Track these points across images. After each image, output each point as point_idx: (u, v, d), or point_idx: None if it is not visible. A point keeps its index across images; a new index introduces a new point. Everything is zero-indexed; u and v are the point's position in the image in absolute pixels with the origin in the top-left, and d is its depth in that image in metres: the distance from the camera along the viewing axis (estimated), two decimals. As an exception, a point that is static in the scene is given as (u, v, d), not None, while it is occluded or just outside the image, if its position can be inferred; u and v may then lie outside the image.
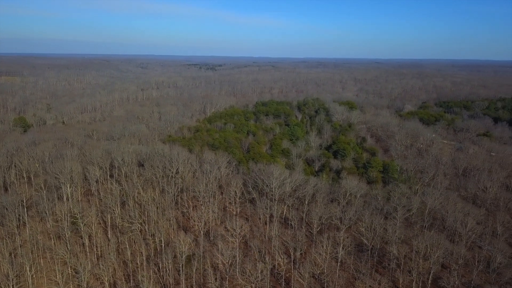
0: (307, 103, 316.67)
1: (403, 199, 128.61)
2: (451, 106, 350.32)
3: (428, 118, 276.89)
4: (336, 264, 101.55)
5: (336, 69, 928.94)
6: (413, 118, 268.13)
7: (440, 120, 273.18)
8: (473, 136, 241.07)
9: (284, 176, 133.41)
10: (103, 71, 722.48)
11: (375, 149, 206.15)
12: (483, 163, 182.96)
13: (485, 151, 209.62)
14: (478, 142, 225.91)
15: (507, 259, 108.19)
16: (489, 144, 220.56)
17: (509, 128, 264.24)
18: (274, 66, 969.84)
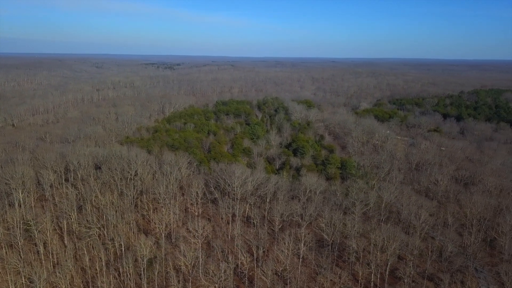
0: (266, 102, 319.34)
1: (361, 194, 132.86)
2: (403, 103, 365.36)
3: (382, 115, 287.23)
4: (298, 260, 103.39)
5: (294, 68, 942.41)
6: (369, 116, 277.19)
7: (394, 117, 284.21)
8: (425, 132, 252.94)
9: (245, 175, 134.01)
10: (55, 71, 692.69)
11: (333, 146, 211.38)
12: (434, 158, 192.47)
13: (435, 146, 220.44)
14: (429, 137, 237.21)
15: (457, 248, 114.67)
16: (439, 139, 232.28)
17: (457, 124, 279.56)
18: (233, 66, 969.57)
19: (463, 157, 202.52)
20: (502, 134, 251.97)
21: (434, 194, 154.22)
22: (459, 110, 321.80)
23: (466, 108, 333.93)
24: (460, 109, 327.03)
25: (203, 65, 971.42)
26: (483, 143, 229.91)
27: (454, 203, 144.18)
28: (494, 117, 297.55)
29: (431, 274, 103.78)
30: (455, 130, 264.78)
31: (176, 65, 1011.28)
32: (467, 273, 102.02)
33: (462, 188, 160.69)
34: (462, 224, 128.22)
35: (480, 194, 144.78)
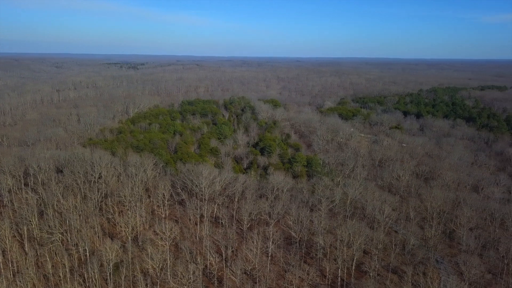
0: (233, 102, 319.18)
1: (327, 191, 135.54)
2: (366, 101, 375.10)
3: (346, 113, 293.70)
4: (267, 259, 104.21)
5: (260, 68, 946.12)
6: (333, 114, 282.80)
7: (357, 115, 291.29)
8: (387, 129, 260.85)
9: (213, 175, 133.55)
10: (11, 71, 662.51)
11: (299, 144, 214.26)
12: (396, 154, 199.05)
13: (397, 142, 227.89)
14: (391, 134, 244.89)
15: (419, 241, 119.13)
16: (400, 136, 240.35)
17: (417, 121, 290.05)
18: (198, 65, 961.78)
19: (423, 153, 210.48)
20: (459, 130, 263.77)
21: (396, 189, 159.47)
22: (418, 108, 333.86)
23: (425, 106, 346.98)
24: (420, 107, 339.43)
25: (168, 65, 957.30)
26: (441, 139, 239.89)
27: (415, 198, 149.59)
28: (451, 114, 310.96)
29: (395, 267, 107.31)
30: (415, 127, 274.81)
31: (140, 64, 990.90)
32: (429, 265, 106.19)
33: (422, 182, 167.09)
34: (423, 218, 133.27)
35: (439, 188, 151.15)
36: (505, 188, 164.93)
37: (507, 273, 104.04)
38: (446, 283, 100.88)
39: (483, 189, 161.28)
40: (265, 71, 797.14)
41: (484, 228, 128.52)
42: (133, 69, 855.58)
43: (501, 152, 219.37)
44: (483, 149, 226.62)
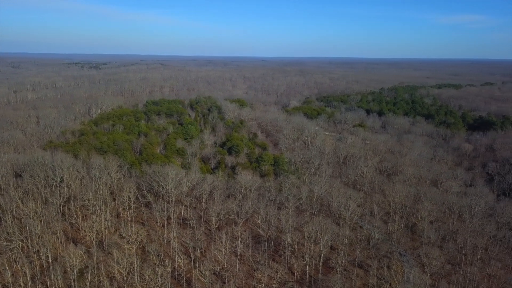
0: (199, 102, 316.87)
1: (294, 189, 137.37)
2: (330, 100, 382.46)
3: (311, 112, 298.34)
4: (235, 258, 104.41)
5: (225, 67, 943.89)
6: (298, 113, 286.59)
7: (322, 113, 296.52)
8: (350, 127, 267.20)
9: (180, 176, 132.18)
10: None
11: (266, 143, 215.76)
12: (359, 151, 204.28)
13: (360, 140, 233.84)
14: (355, 132, 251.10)
15: (383, 235, 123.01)
16: (364, 133, 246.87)
17: (379, 119, 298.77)
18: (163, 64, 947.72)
19: (385, 149, 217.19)
20: (418, 127, 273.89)
21: (361, 186, 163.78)
22: (380, 106, 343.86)
23: (387, 104, 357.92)
24: (381, 105, 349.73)
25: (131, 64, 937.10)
26: (402, 136, 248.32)
27: (379, 193, 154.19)
28: (411, 112, 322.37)
29: (361, 262, 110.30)
30: (377, 125, 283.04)
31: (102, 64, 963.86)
32: (393, 258, 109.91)
33: (385, 178, 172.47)
34: (386, 213, 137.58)
35: (401, 183, 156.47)
36: (462, 182, 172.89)
37: (465, 263, 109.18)
38: (409, 275, 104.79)
39: (442, 183, 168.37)
40: (231, 70, 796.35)
41: (443, 221, 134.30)
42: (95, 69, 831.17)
43: (458, 147, 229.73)
44: (441, 145, 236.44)
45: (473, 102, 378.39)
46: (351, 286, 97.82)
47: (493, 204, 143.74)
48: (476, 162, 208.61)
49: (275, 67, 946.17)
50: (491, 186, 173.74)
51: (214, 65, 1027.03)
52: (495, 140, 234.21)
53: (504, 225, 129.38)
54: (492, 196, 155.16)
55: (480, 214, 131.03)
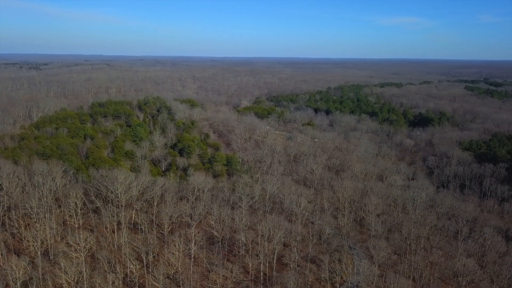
0: (148, 102, 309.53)
1: (247, 188, 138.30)
2: (280, 100, 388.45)
3: (262, 112, 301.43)
4: (189, 261, 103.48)
5: (174, 67, 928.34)
6: (250, 113, 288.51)
7: (272, 113, 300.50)
8: (300, 126, 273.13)
9: (129, 180, 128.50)
10: None
11: (218, 144, 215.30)
12: (309, 149, 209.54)
13: (309, 138, 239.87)
14: (304, 130, 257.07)
15: (333, 230, 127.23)
16: (312, 132, 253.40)
17: (326, 117, 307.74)
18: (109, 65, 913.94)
19: (333, 147, 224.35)
20: (364, 124, 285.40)
21: (311, 183, 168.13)
22: (327, 105, 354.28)
23: (334, 103, 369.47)
24: (329, 104, 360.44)
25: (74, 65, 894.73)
26: (349, 134, 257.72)
27: (328, 189, 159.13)
28: (356, 110, 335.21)
29: (313, 257, 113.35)
30: (325, 123, 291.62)
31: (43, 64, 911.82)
32: (343, 252, 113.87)
33: (334, 175, 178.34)
34: (336, 208, 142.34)
35: (349, 179, 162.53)
36: (405, 175, 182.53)
37: (409, 253, 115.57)
38: (359, 267, 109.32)
39: (387, 177, 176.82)
40: (180, 70, 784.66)
41: (389, 213, 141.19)
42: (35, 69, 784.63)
43: (400, 143, 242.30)
44: (385, 141, 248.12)
45: (413, 99, 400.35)
46: (305, 282, 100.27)
47: (433, 196, 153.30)
48: (417, 156, 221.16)
49: (225, 67, 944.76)
50: (431, 178, 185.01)
51: (162, 65, 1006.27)
52: (434, 135, 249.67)
53: (443, 215, 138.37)
54: (432, 188, 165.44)
55: (422, 205, 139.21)
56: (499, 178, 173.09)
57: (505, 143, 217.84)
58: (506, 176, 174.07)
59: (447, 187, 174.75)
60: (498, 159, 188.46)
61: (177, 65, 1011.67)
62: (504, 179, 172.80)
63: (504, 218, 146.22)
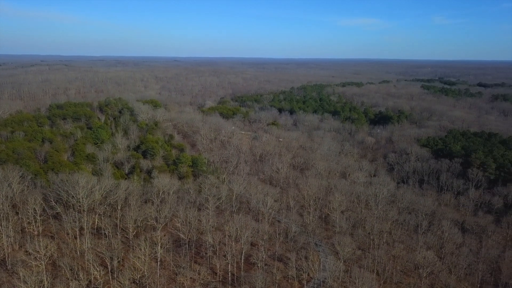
0: (109, 104, 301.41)
1: (213, 189, 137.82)
2: (244, 100, 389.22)
3: (227, 112, 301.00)
4: (156, 264, 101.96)
5: (136, 67, 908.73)
6: (214, 113, 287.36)
7: (237, 113, 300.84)
8: (264, 126, 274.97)
9: (91, 183, 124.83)
10: None
11: (183, 145, 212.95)
12: (274, 148, 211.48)
13: (274, 137, 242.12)
14: (269, 130, 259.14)
15: (299, 228, 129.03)
16: (277, 131, 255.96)
17: (290, 117, 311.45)
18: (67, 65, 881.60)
19: (298, 146, 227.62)
20: (326, 123, 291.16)
21: (277, 181, 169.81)
22: (291, 104, 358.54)
23: (297, 102, 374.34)
24: (292, 103, 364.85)
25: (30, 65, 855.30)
26: (312, 133, 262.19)
27: (294, 188, 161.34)
28: (319, 109, 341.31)
29: (280, 255, 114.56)
30: (289, 123, 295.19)
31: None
32: (309, 249, 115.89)
33: (299, 173, 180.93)
34: (301, 206, 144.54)
35: (314, 177, 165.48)
36: (367, 172, 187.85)
37: (373, 247, 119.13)
38: (325, 263, 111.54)
39: (350, 175, 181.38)
40: (142, 70, 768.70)
41: (352, 210, 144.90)
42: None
43: (362, 141, 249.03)
44: (348, 139, 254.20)
45: (373, 98, 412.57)
46: (272, 280, 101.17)
47: (394, 191, 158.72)
48: (378, 153, 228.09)
49: (188, 67, 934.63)
50: (392, 175, 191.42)
51: (123, 65, 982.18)
52: (393, 133, 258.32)
53: (404, 209, 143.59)
54: (393, 184, 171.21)
55: (384, 201, 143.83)
56: (455, 172, 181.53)
57: (459, 139, 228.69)
58: (461, 171, 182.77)
59: (407, 183, 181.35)
60: (453, 155, 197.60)
61: (139, 65, 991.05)
62: (459, 173, 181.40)
63: (460, 211, 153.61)
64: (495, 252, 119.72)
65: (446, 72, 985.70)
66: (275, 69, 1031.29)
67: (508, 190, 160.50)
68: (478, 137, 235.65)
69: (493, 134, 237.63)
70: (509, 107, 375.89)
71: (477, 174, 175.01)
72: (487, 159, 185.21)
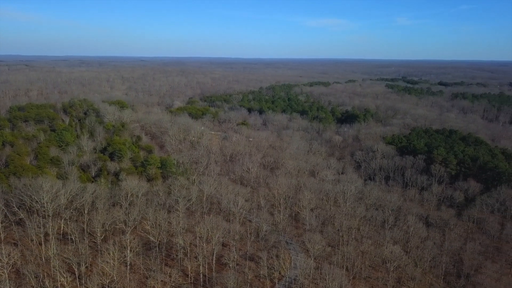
0: (74, 105, 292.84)
1: (183, 191, 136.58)
2: (213, 100, 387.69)
3: (196, 112, 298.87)
4: (125, 269, 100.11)
5: (101, 67, 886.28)
6: (183, 113, 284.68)
7: (206, 113, 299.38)
8: (234, 126, 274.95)
9: (56, 187, 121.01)
10: None
11: (151, 146, 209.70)
12: (244, 148, 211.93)
13: (244, 137, 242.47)
14: (239, 130, 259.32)
15: (270, 226, 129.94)
16: (247, 131, 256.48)
17: (260, 116, 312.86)
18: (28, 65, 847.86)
19: (267, 145, 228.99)
20: (295, 122, 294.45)
21: (247, 181, 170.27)
22: (260, 104, 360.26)
23: (266, 102, 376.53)
24: (261, 103, 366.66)
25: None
26: (281, 132, 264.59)
27: (264, 187, 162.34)
28: (288, 109, 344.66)
29: (252, 254, 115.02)
30: (259, 122, 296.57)
31: None
32: (280, 247, 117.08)
33: (269, 172, 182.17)
34: (272, 205, 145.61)
35: (284, 176, 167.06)
36: (335, 170, 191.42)
37: (342, 244, 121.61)
38: (296, 261, 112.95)
39: (318, 173, 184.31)
40: (108, 71, 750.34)
41: (322, 207, 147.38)
42: None
43: (330, 139, 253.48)
44: (316, 138, 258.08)
45: (340, 97, 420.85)
46: (244, 280, 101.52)
47: (362, 188, 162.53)
48: (345, 151, 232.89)
49: (155, 67, 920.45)
50: (359, 172, 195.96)
51: (88, 66, 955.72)
52: (360, 131, 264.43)
53: (371, 206, 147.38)
54: (361, 181, 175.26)
55: (352, 198, 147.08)
56: (419, 169, 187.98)
57: (422, 137, 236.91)
58: (425, 167, 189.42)
59: (374, 180, 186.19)
60: (417, 152, 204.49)
61: (104, 65, 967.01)
62: (423, 169, 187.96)
63: (424, 206, 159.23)
64: (457, 245, 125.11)
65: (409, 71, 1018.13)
66: (244, 69, 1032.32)
67: (468, 185, 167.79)
68: (440, 134, 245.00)
69: (453, 131, 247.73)
70: (468, 105, 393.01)
71: (439, 170, 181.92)
72: (448, 155, 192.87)
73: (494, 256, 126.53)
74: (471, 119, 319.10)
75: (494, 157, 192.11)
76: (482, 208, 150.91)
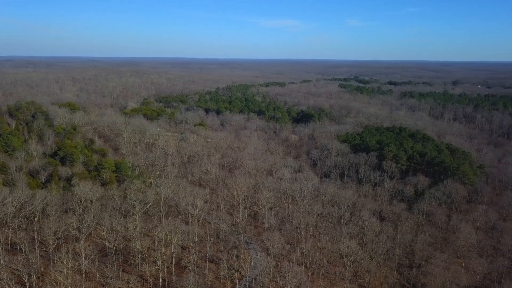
0: (21, 108, 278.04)
1: (139, 194, 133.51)
2: (169, 101, 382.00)
3: (151, 113, 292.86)
4: (80, 277, 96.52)
5: (49, 68, 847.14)
6: (138, 115, 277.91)
7: (162, 114, 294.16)
8: (191, 127, 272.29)
9: (3, 195, 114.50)
10: None
11: (105, 149, 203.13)
12: (202, 149, 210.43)
13: (202, 138, 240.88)
14: (196, 131, 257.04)
15: (230, 227, 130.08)
16: (205, 132, 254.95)
17: (217, 117, 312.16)
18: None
19: (226, 145, 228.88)
20: (253, 123, 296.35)
21: (206, 182, 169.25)
22: (217, 105, 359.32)
23: (223, 103, 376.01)
24: (219, 104, 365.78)
25: None
26: (239, 132, 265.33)
27: (223, 188, 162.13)
28: (245, 109, 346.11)
29: (212, 256, 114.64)
30: (216, 123, 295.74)
31: None
32: (240, 247, 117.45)
33: (228, 173, 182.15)
34: (231, 205, 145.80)
35: (242, 176, 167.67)
36: (292, 169, 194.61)
37: (300, 241, 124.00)
38: (256, 260, 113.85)
39: (276, 172, 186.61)
40: (57, 71, 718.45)
41: (280, 206, 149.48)
42: None
43: (286, 139, 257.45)
44: (273, 137, 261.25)
45: (295, 97, 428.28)
46: (204, 282, 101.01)
47: (318, 186, 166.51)
48: (301, 150, 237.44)
49: (107, 67, 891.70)
50: (315, 170, 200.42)
51: (35, 66, 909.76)
52: (315, 130, 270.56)
53: (327, 203, 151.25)
54: (317, 179, 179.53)
55: (309, 195, 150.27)
56: (372, 165, 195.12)
57: (374, 134, 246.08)
58: (377, 164, 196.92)
59: (329, 177, 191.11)
60: (369, 149, 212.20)
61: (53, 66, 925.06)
62: (375, 166, 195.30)
63: (377, 201, 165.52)
64: (409, 237, 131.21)
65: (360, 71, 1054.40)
66: (200, 69, 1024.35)
67: (417, 180, 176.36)
68: (391, 131, 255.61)
69: (403, 129, 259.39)
70: (416, 103, 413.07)
71: (391, 166, 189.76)
72: (399, 152, 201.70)
73: (442, 246, 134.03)
74: (418, 117, 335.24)
75: (440, 152, 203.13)
76: (430, 201, 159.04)
